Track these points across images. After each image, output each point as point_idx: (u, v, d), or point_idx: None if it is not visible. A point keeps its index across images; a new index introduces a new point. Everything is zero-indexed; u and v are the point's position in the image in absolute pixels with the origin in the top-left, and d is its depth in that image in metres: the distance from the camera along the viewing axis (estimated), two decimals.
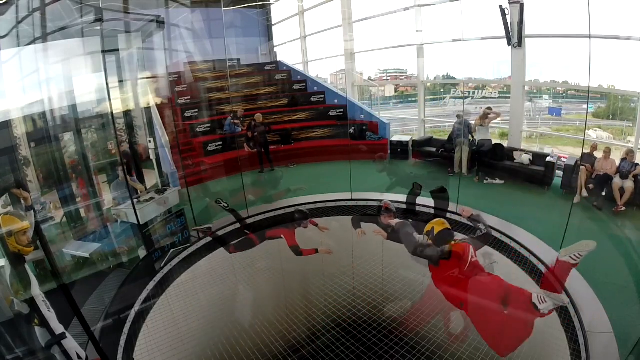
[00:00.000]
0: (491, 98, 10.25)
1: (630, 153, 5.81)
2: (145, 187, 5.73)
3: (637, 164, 5.71)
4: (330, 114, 10.05)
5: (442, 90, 11.27)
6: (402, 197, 6.31)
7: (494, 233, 5.19)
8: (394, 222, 3.50)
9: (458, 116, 7.57)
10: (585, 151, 6.13)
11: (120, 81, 5.39)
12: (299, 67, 11.65)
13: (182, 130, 8.44)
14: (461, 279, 2.50)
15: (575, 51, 6.56)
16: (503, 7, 7.00)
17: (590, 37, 4.28)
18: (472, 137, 7.43)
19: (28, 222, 2.88)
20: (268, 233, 5.26)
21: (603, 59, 6.00)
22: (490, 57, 8.38)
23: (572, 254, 2.84)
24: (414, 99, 11.05)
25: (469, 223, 3.29)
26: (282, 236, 4.94)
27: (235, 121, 8.70)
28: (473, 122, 7.46)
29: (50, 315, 2.87)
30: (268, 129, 8.27)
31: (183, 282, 4.95)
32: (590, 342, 3.37)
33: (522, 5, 6.80)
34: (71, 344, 2.99)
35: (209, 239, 5.54)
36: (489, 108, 7.30)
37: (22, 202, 3.55)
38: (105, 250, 4.94)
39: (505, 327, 2.49)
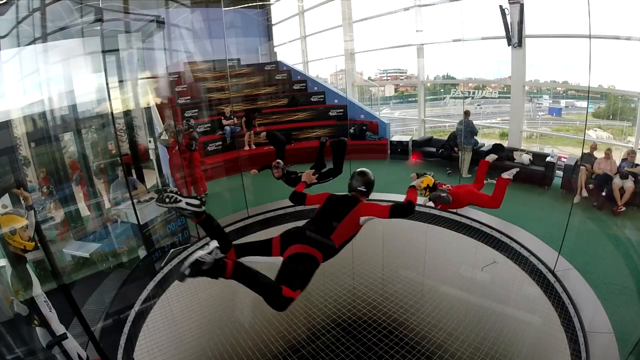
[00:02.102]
0: (491, 98, 10.27)
1: (631, 153, 5.82)
2: (146, 187, 5.74)
3: (637, 164, 5.72)
4: (330, 114, 10.06)
5: (442, 90, 11.28)
6: (402, 198, 6.30)
7: (494, 233, 5.21)
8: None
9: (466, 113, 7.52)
10: (585, 151, 6.14)
11: (120, 81, 5.38)
12: (299, 67, 11.65)
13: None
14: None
15: (575, 51, 6.57)
16: (503, 7, 7.00)
17: (590, 37, 4.28)
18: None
19: (27, 217, 2.90)
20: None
21: (603, 59, 6.00)
22: (490, 57, 8.40)
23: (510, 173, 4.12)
24: (414, 99, 11.05)
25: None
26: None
27: (228, 121, 8.73)
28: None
29: (52, 316, 2.87)
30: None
31: (183, 282, 4.95)
32: (590, 342, 3.37)
33: (522, 5, 6.80)
34: (72, 344, 2.99)
35: (209, 239, 5.53)
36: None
37: (22, 201, 3.56)
38: (105, 250, 4.94)
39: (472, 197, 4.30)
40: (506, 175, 4.10)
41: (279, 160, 4.61)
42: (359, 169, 2.89)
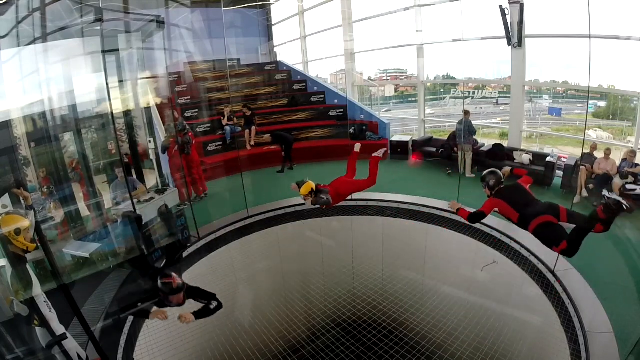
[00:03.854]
0: (491, 98, 10.28)
1: (631, 153, 5.82)
2: (146, 187, 5.73)
3: (637, 164, 5.71)
4: (330, 114, 10.06)
5: (442, 90, 11.29)
6: (402, 198, 6.32)
7: (494, 233, 5.21)
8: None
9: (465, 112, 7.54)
10: (585, 151, 6.13)
11: (120, 81, 5.38)
12: (299, 67, 11.66)
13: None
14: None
15: (575, 51, 6.57)
16: (503, 7, 7.00)
17: (590, 37, 4.28)
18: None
19: (29, 219, 2.89)
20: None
21: (603, 59, 6.00)
22: (490, 57, 8.40)
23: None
24: (414, 99, 11.06)
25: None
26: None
27: (229, 122, 8.74)
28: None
29: (52, 316, 2.87)
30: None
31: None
32: (590, 342, 3.37)
33: (522, 5, 6.80)
34: (72, 344, 2.99)
35: (208, 239, 5.54)
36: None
37: (23, 201, 3.56)
38: (105, 250, 4.94)
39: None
40: (376, 153, 4.64)
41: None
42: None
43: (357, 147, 4.88)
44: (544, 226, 3.07)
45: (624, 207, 2.69)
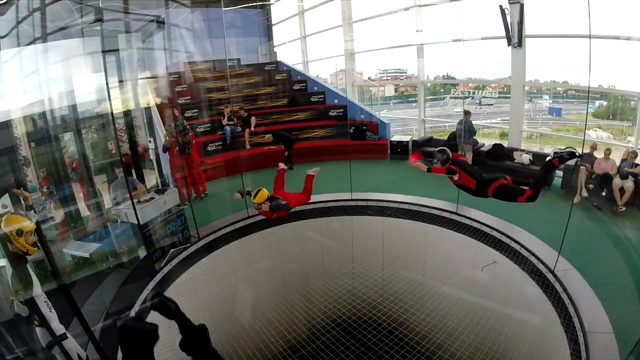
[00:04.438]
0: (491, 98, 10.28)
1: (631, 154, 5.82)
2: (146, 187, 5.73)
3: (637, 164, 5.71)
4: (330, 114, 10.06)
5: (442, 90, 11.28)
6: (402, 198, 6.32)
7: (494, 233, 5.21)
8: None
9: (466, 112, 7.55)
10: (585, 151, 6.13)
11: (120, 81, 5.37)
12: (299, 67, 11.66)
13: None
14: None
15: (575, 51, 6.57)
16: (503, 7, 7.00)
17: (590, 37, 4.28)
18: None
19: (32, 222, 2.89)
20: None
21: (603, 59, 6.00)
22: (490, 57, 8.40)
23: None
24: (414, 99, 11.06)
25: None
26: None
27: (230, 122, 8.74)
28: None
29: (52, 316, 2.87)
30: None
31: (183, 282, 4.96)
32: (590, 342, 3.37)
33: (522, 5, 6.80)
34: (72, 344, 2.99)
35: (209, 239, 5.54)
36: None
37: (22, 201, 3.56)
38: (105, 250, 4.94)
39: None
40: (311, 171, 4.92)
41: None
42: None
43: (314, 170, 5.01)
44: (501, 187, 3.76)
45: (576, 154, 3.33)
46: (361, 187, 6.67)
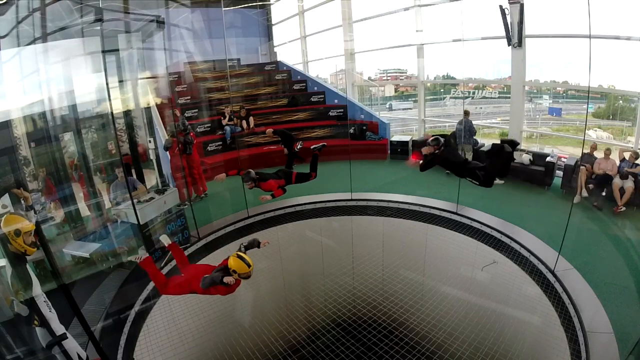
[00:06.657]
0: (491, 98, 10.27)
1: (631, 154, 5.81)
2: (146, 187, 5.73)
3: (637, 164, 5.71)
4: (330, 114, 10.05)
5: (442, 90, 11.28)
6: (402, 198, 6.32)
7: (494, 233, 5.21)
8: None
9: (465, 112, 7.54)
10: (585, 151, 6.13)
11: (120, 81, 5.38)
12: (299, 67, 11.65)
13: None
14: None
15: (575, 51, 6.57)
16: (503, 7, 7.00)
17: (590, 37, 4.28)
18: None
19: (32, 222, 2.89)
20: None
21: (603, 59, 6.00)
22: (490, 57, 8.39)
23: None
24: (414, 99, 11.06)
25: None
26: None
27: (230, 122, 8.74)
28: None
29: (52, 316, 2.87)
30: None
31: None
32: (590, 342, 3.37)
33: (522, 5, 6.80)
34: (72, 344, 2.99)
35: (209, 239, 5.54)
36: None
37: (22, 201, 3.56)
38: (105, 250, 4.94)
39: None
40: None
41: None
42: None
43: (165, 239, 4.18)
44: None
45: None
46: (361, 187, 6.67)
